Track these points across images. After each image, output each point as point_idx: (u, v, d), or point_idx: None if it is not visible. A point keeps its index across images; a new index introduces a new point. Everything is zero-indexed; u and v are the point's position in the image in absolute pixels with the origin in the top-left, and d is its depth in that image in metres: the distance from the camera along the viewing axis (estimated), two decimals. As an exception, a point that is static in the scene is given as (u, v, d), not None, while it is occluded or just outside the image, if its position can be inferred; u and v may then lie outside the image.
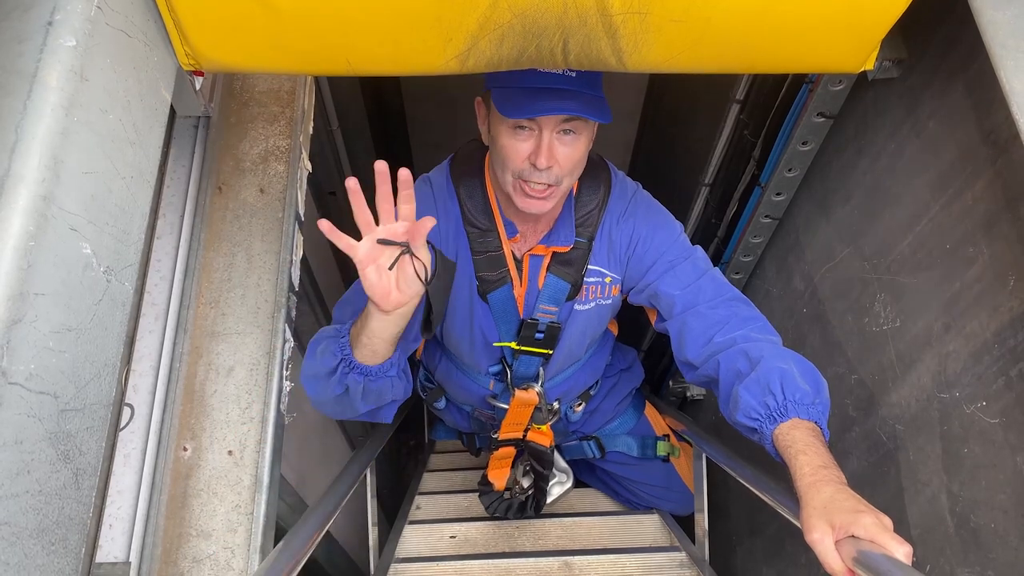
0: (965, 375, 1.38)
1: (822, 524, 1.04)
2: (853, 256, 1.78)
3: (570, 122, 1.35)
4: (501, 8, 1.18)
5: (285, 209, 1.57)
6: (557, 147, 1.37)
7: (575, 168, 1.44)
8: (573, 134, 1.37)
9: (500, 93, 1.37)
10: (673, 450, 2.27)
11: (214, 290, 1.50)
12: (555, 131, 1.36)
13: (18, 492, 0.87)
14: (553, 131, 1.36)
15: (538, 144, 1.36)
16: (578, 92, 1.33)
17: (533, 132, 1.37)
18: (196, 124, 1.65)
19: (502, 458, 2.17)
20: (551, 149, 1.36)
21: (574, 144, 1.39)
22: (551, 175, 1.39)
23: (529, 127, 1.37)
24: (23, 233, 0.88)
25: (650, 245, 1.62)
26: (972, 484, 1.35)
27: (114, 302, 1.06)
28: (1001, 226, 1.30)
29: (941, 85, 1.48)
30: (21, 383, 0.87)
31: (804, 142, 1.88)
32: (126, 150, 1.10)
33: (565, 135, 1.37)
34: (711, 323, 1.49)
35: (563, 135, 1.37)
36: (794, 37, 1.27)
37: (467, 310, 1.71)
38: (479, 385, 1.93)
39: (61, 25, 0.99)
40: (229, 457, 1.36)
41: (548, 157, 1.36)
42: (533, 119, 1.34)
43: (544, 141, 1.36)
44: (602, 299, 1.71)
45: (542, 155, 1.36)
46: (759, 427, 1.28)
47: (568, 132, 1.37)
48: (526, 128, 1.37)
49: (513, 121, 1.36)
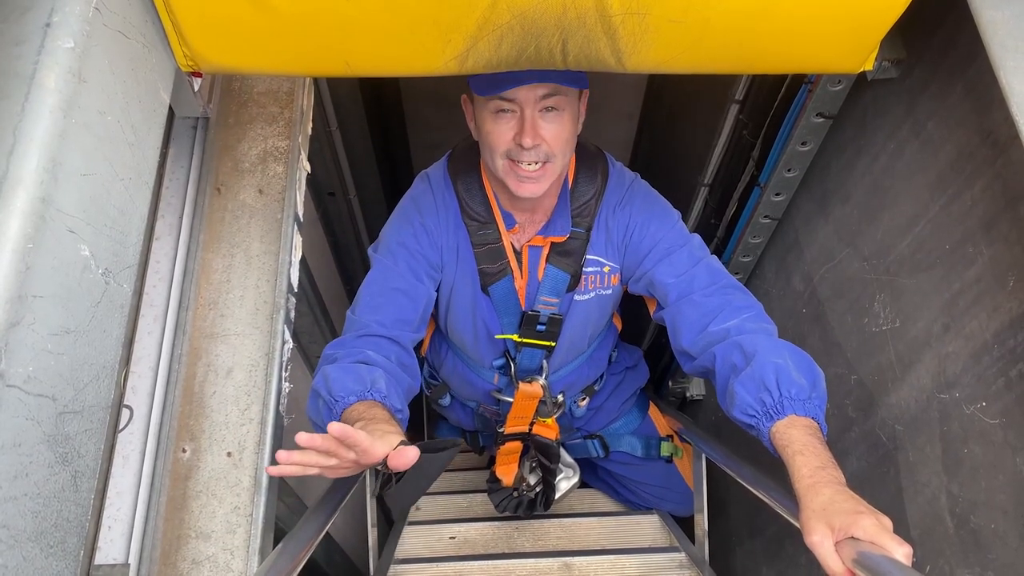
0: (965, 375, 1.37)
1: (821, 526, 1.03)
2: (852, 256, 1.78)
3: (550, 98, 1.36)
4: (500, 9, 1.18)
5: (284, 210, 1.57)
6: (542, 125, 1.38)
7: (565, 146, 1.44)
8: (555, 111, 1.38)
9: (477, 78, 1.38)
10: (676, 451, 2.27)
11: (213, 291, 1.50)
12: (536, 108, 1.37)
13: (17, 495, 0.87)
14: (534, 108, 1.36)
15: (521, 124, 1.37)
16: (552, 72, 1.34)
17: (515, 114, 1.38)
18: (195, 125, 1.65)
19: (509, 453, 2.17)
20: (535, 127, 1.37)
21: (559, 120, 1.39)
22: (540, 152, 1.40)
23: (510, 109, 1.38)
24: (21, 235, 0.88)
25: (646, 233, 1.62)
26: (972, 485, 1.35)
27: (113, 304, 1.06)
28: (1001, 226, 1.30)
29: (940, 85, 1.48)
30: (19, 386, 0.87)
31: (803, 142, 1.88)
32: (124, 152, 1.10)
33: (548, 112, 1.38)
34: (705, 312, 1.49)
35: (545, 112, 1.38)
36: (793, 38, 1.27)
37: (469, 304, 1.71)
38: (483, 379, 1.94)
39: (59, 27, 0.99)
40: (228, 458, 1.36)
41: (533, 135, 1.37)
42: (513, 100, 1.35)
43: (527, 119, 1.37)
44: (602, 289, 1.71)
45: (527, 134, 1.37)
46: (756, 424, 1.28)
47: (550, 109, 1.38)
48: (507, 111, 1.38)
49: (494, 105, 1.37)
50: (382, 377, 1.33)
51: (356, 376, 1.32)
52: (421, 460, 1.12)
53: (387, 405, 1.29)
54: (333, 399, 1.28)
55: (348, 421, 1.22)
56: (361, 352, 1.41)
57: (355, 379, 1.31)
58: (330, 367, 1.36)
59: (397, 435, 1.15)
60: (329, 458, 1.10)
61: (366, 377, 1.32)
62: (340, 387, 1.29)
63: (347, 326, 1.52)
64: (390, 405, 1.30)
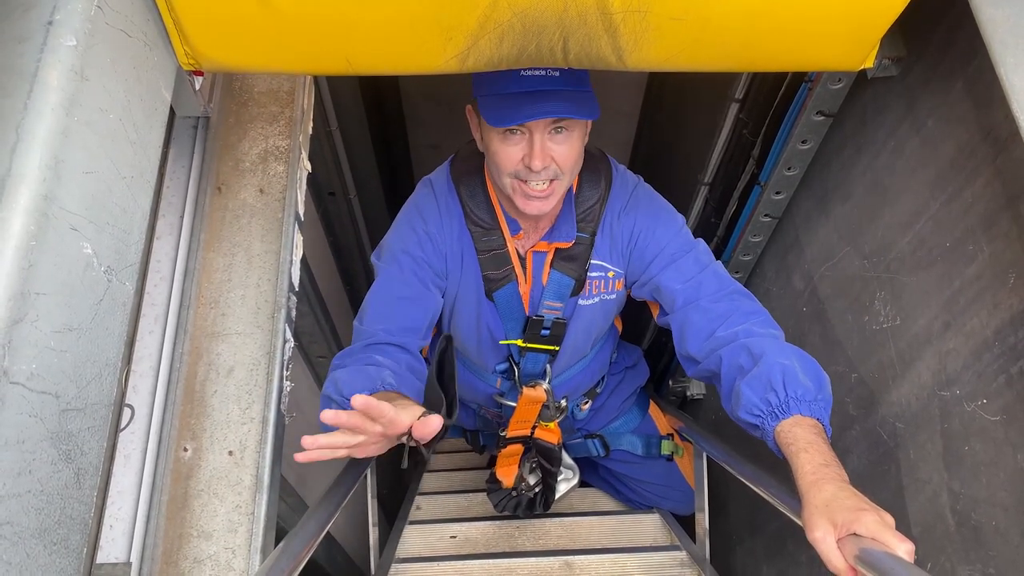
0: (965, 373, 1.38)
1: (824, 522, 1.03)
2: (853, 254, 1.78)
3: (560, 121, 1.36)
4: (501, 7, 1.18)
5: (285, 209, 1.57)
6: (550, 147, 1.38)
7: (573, 165, 1.44)
8: (565, 131, 1.38)
9: (485, 101, 1.37)
10: (677, 449, 2.27)
11: (214, 290, 1.50)
12: (546, 131, 1.36)
13: (20, 492, 0.87)
14: (544, 132, 1.36)
15: (530, 147, 1.37)
16: (563, 91, 1.34)
17: (524, 136, 1.38)
18: (195, 124, 1.65)
19: (510, 455, 2.17)
20: (544, 150, 1.37)
21: (568, 141, 1.39)
22: (549, 172, 1.40)
23: (519, 131, 1.37)
24: (24, 233, 0.88)
25: (651, 239, 1.62)
26: (973, 482, 1.35)
27: (115, 302, 1.06)
28: (1001, 224, 1.30)
29: (940, 83, 1.48)
30: (23, 383, 0.87)
31: (803, 140, 1.88)
32: (126, 150, 1.10)
33: (557, 133, 1.38)
34: (713, 317, 1.49)
35: (554, 134, 1.38)
36: (793, 35, 1.27)
37: (474, 309, 1.71)
38: (487, 383, 1.94)
39: (61, 25, 0.99)
40: (230, 457, 1.36)
41: (542, 159, 1.37)
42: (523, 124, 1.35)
43: (536, 144, 1.36)
44: (606, 294, 1.71)
45: (535, 158, 1.37)
46: (761, 423, 1.28)
47: (559, 130, 1.38)
48: (516, 132, 1.38)
49: (503, 128, 1.37)
50: (391, 376, 1.35)
51: (365, 376, 1.33)
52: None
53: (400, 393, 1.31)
54: (344, 398, 1.29)
55: None
56: (369, 358, 1.42)
57: (365, 378, 1.32)
58: (340, 371, 1.38)
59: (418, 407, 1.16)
60: (356, 435, 1.10)
61: (375, 376, 1.33)
62: (350, 387, 1.30)
63: (355, 336, 1.53)
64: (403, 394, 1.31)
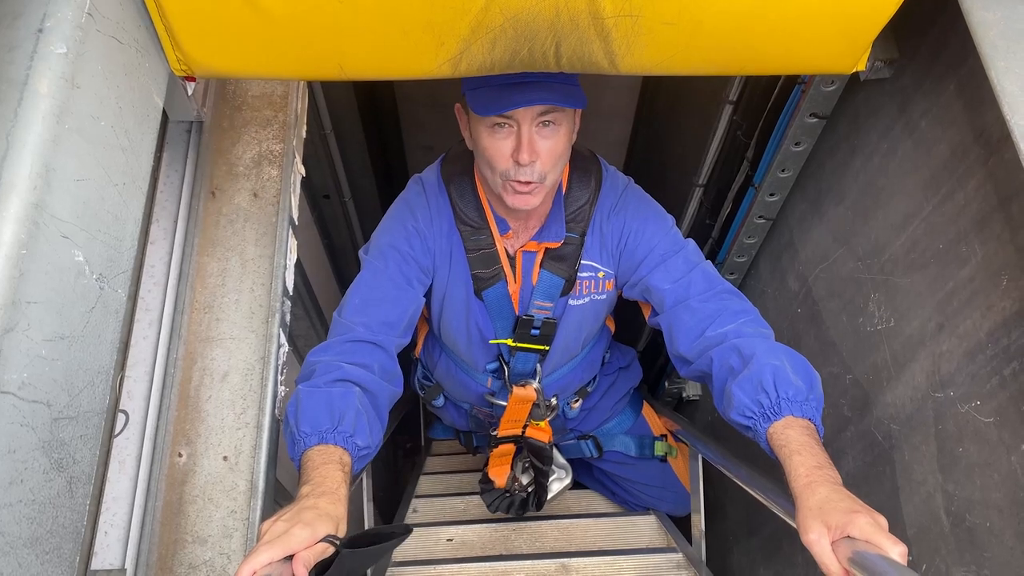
0: (959, 374, 1.38)
1: (818, 525, 1.04)
2: (847, 256, 1.79)
3: (548, 114, 1.36)
4: (493, 12, 1.18)
5: (279, 213, 1.57)
6: (538, 140, 1.38)
7: (558, 161, 1.44)
8: (553, 125, 1.38)
9: (473, 94, 1.37)
10: (671, 450, 2.27)
11: (208, 295, 1.50)
12: (534, 124, 1.36)
13: (11, 502, 0.87)
14: (532, 124, 1.36)
15: (519, 140, 1.37)
16: (550, 83, 1.34)
17: (512, 129, 1.38)
18: (189, 129, 1.65)
19: (502, 455, 2.17)
20: (532, 143, 1.37)
21: (555, 136, 1.39)
22: (534, 171, 1.40)
23: (507, 124, 1.37)
24: (15, 241, 0.88)
25: (641, 239, 1.62)
26: (967, 483, 1.36)
27: (107, 309, 1.06)
28: (993, 225, 1.31)
29: (933, 85, 1.48)
30: (14, 392, 0.87)
31: (797, 143, 1.89)
32: (118, 157, 1.10)
33: (544, 127, 1.38)
34: (702, 317, 1.49)
35: (542, 127, 1.38)
36: (786, 39, 1.28)
37: (463, 308, 1.71)
38: (477, 383, 1.94)
39: (51, 32, 0.98)
40: (224, 463, 1.36)
41: (530, 151, 1.37)
42: (510, 115, 1.35)
43: (524, 136, 1.36)
44: (596, 294, 1.71)
45: (523, 150, 1.37)
46: (753, 425, 1.28)
47: (547, 124, 1.38)
48: (504, 126, 1.38)
49: (491, 120, 1.37)
50: (352, 409, 1.27)
51: (326, 406, 1.26)
52: (352, 555, 1.01)
53: (348, 448, 1.23)
54: (297, 435, 1.24)
55: (301, 472, 1.18)
56: (339, 368, 1.35)
57: (324, 411, 1.25)
58: (304, 388, 1.31)
59: (328, 518, 1.05)
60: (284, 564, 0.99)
61: (335, 410, 1.26)
62: (306, 421, 1.24)
63: (332, 328, 1.50)
64: (352, 447, 1.24)
